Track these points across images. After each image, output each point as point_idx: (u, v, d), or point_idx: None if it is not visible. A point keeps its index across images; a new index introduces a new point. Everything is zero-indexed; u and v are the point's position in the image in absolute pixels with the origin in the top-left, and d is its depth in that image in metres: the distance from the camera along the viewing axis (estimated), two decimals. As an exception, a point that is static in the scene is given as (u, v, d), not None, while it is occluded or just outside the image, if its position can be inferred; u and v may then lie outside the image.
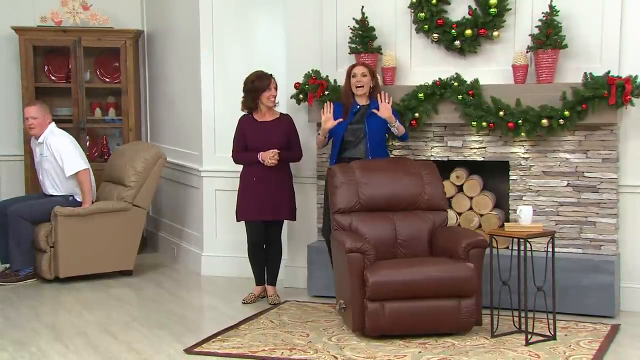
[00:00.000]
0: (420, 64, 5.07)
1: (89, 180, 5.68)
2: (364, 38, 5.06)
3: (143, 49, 6.96)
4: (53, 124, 5.79)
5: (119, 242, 5.70)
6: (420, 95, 4.91)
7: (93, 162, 6.58)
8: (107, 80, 6.86)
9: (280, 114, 5.07)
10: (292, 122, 5.06)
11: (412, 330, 4.23)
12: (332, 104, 4.83)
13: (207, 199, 5.84)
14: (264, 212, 4.97)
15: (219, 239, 5.84)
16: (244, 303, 5.04)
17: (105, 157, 6.69)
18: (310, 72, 5.14)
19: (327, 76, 5.14)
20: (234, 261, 5.72)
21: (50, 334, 4.44)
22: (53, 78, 6.80)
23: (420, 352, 4.03)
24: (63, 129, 5.94)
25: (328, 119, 4.78)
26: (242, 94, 5.02)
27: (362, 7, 5.07)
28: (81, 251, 5.59)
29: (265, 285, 5.13)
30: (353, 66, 4.89)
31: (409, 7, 5.04)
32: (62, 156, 5.63)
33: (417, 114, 4.93)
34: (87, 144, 6.53)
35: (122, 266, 5.76)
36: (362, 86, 4.81)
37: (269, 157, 4.88)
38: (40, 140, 5.72)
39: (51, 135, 5.70)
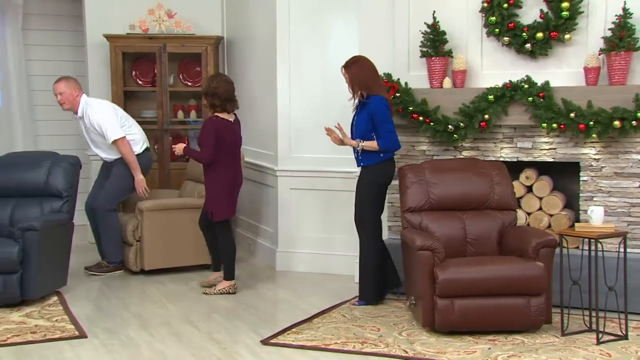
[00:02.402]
0: (490, 67, 5.10)
1: (129, 148, 5.68)
2: (435, 42, 5.12)
3: (223, 54, 7.17)
4: (84, 95, 5.69)
5: (198, 237, 5.82)
6: (490, 97, 4.94)
7: (175, 162, 6.88)
8: (189, 84, 7.08)
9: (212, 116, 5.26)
10: (206, 123, 5.19)
11: (482, 327, 4.26)
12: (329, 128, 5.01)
13: (282, 198, 5.97)
14: None
15: (293, 236, 5.95)
16: (202, 286, 5.39)
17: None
18: (383, 75, 5.21)
19: (398, 79, 5.22)
20: (308, 257, 5.85)
21: (138, 323, 4.65)
22: (140, 82, 7.05)
23: (489, 348, 4.06)
24: (148, 130, 6.16)
25: (335, 139, 5.00)
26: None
27: (434, 11, 5.14)
28: (164, 245, 5.80)
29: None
30: None
31: (480, 11, 5.07)
32: (102, 127, 5.64)
33: (486, 116, 4.96)
34: (171, 144, 6.74)
35: (202, 260, 5.92)
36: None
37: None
38: (79, 114, 5.69)
39: (88, 108, 5.63)
